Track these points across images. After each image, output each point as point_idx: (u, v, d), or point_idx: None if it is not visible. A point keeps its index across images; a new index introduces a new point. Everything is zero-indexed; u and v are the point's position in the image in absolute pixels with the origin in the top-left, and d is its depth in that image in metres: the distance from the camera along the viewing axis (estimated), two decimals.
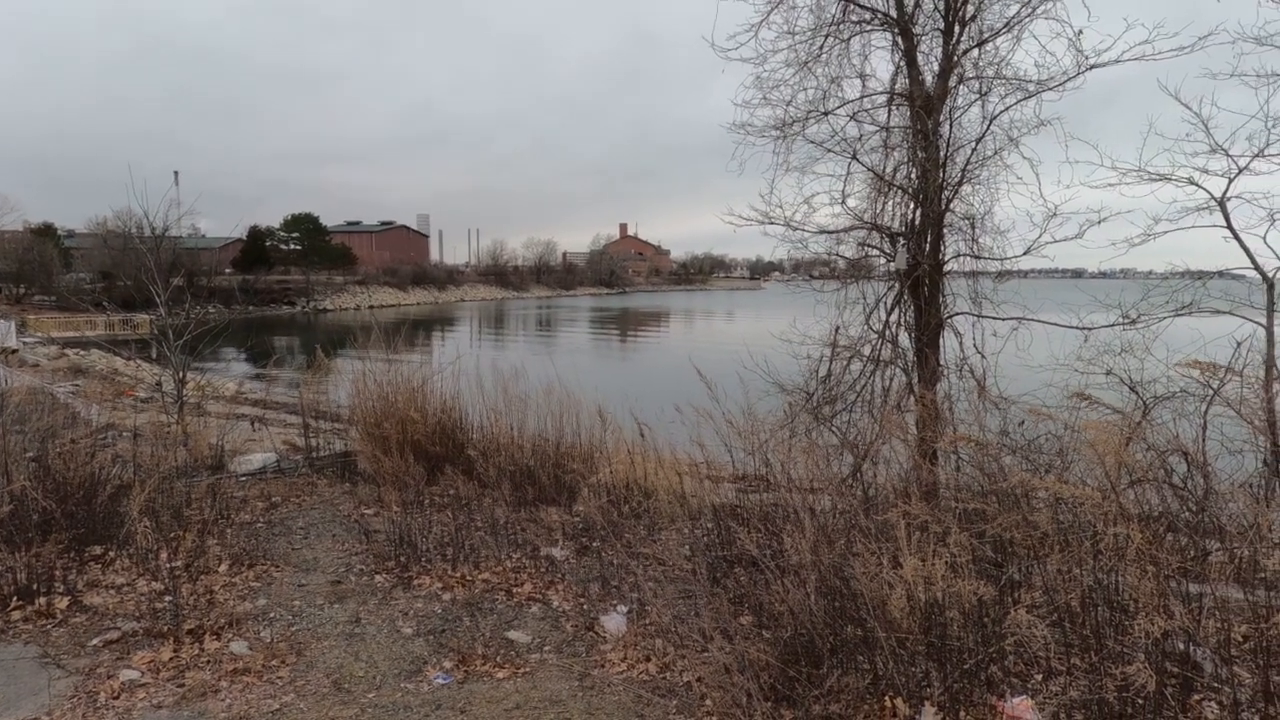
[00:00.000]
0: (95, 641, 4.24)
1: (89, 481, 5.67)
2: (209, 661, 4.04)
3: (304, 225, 78.12)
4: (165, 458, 6.66)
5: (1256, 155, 5.93)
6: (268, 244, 76.25)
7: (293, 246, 77.97)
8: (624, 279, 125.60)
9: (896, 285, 7.42)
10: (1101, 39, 6.32)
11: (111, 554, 5.34)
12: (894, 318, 7.48)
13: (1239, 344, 5.29)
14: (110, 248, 53.04)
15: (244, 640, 4.28)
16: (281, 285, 72.84)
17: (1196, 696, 2.84)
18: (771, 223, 7.53)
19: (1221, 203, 6.11)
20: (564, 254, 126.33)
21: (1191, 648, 2.87)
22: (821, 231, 7.64)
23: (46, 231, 60.90)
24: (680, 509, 6.34)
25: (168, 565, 4.96)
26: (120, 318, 36.74)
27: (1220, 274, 6.34)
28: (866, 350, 7.52)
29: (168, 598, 4.64)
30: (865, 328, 7.55)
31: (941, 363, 7.25)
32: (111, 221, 54.54)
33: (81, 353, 28.66)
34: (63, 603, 4.63)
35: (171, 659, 4.04)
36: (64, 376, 21.41)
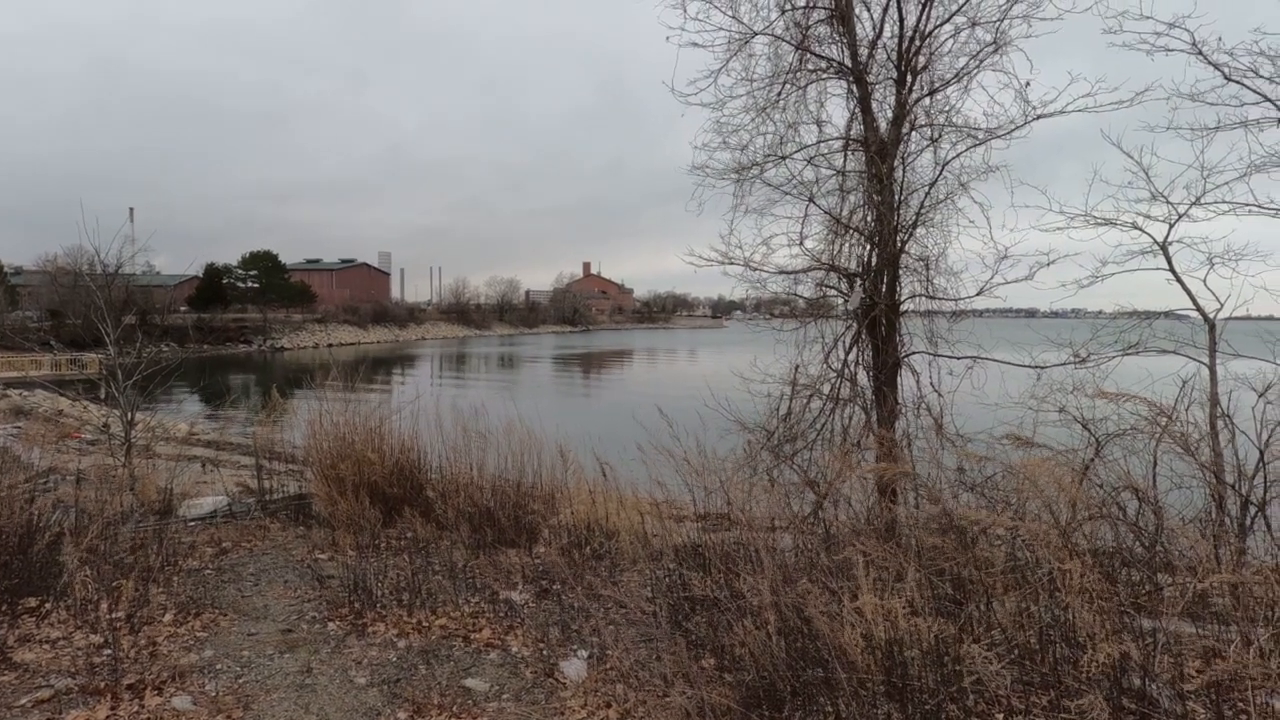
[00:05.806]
0: (24, 701, 3.98)
1: (25, 529, 5.41)
2: (149, 719, 3.85)
3: (262, 263, 77.19)
4: (110, 502, 6.41)
5: (1194, 203, 6.22)
6: (225, 281, 75.09)
7: (250, 284, 76.86)
8: (587, 317, 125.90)
9: (854, 324, 7.55)
10: (1047, 91, 6.63)
11: (47, 606, 5.08)
12: (852, 356, 7.59)
13: (1184, 382, 5.45)
14: (59, 285, 51.69)
15: (188, 694, 4.09)
16: (238, 323, 71.52)
17: None
18: (731, 263, 7.65)
19: (1164, 247, 6.35)
20: (527, 292, 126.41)
21: (1147, 683, 2.89)
22: (780, 272, 7.78)
23: None
24: (642, 550, 6.27)
25: (108, 616, 4.74)
26: (68, 357, 35.63)
27: (1166, 314, 6.56)
28: (826, 388, 7.61)
29: (106, 651, 4.42)
30: (824, 366, 7.65)
31: (899, 401, 7.36)
32: (61, 259, 53.32)
33: (25, 394, 27.71)
34: None
35: (108, 717, 3.83)
36: (4, 418, 20.65)
